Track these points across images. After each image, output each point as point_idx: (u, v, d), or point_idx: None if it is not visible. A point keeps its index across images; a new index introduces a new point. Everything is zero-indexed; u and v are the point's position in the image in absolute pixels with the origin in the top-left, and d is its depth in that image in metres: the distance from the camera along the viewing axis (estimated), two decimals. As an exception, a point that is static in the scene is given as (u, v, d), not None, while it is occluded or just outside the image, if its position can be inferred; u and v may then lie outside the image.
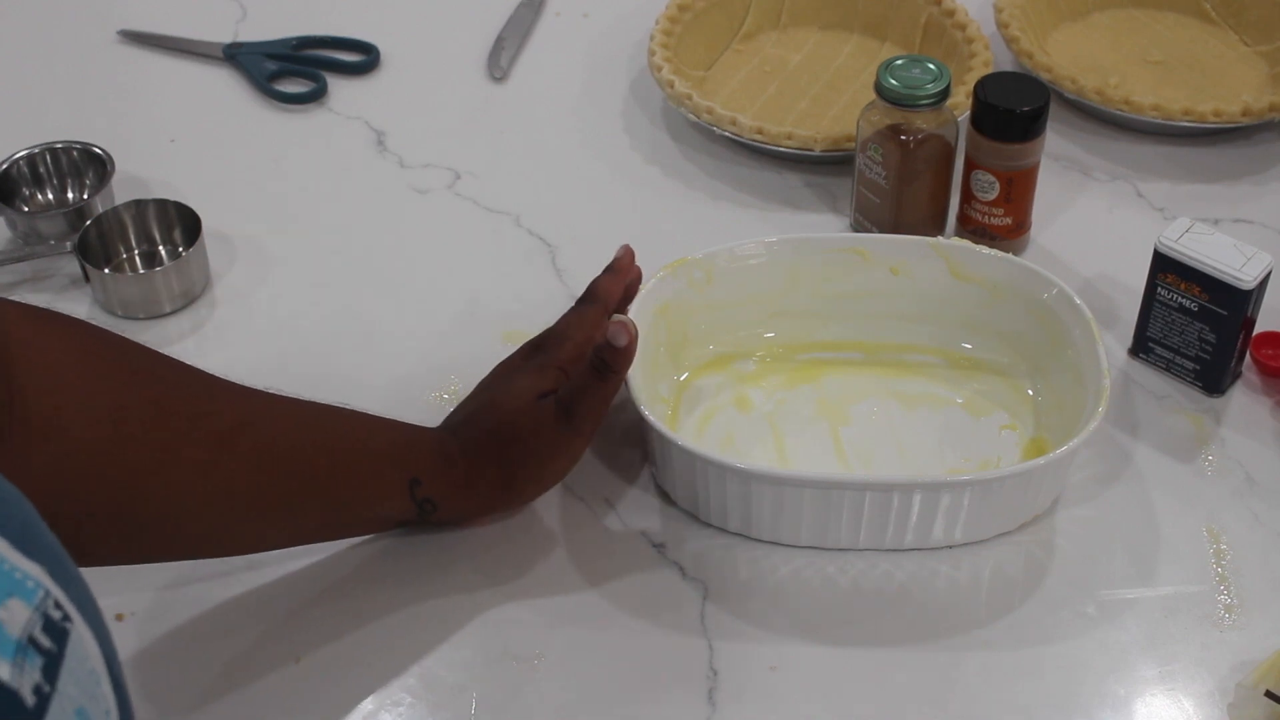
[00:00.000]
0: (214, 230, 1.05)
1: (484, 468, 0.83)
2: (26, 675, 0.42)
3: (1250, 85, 1.17)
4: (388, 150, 1.16)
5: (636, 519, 0.88)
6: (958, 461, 0.90)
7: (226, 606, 0.84)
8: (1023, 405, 0.93)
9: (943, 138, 1.01)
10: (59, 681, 0.43)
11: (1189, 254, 0.91)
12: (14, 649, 0.42)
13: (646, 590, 0.84)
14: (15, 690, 0.41)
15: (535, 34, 1.27)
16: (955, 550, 0.86)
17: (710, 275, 0.94)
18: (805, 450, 0.91)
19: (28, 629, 0.43)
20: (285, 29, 1.26)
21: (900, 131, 1.00)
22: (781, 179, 1.12)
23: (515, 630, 0.83)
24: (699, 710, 0.79)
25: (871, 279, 0.95)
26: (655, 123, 1.18)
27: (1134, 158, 1.13)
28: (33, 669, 0.42)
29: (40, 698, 0.42)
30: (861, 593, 0.84)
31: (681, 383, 0.95)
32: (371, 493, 0.81)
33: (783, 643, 0.82)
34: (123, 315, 1.01)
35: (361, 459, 0.81)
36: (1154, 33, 1.23)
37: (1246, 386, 0.96)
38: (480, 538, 0.87)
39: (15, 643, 0.42)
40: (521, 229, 1.08)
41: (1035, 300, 0.92)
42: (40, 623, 0.43)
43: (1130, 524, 0.88)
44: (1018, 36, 1.17)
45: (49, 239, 1.05)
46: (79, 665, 0.45)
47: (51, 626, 0.44)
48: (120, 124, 1.17)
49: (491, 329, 1.00)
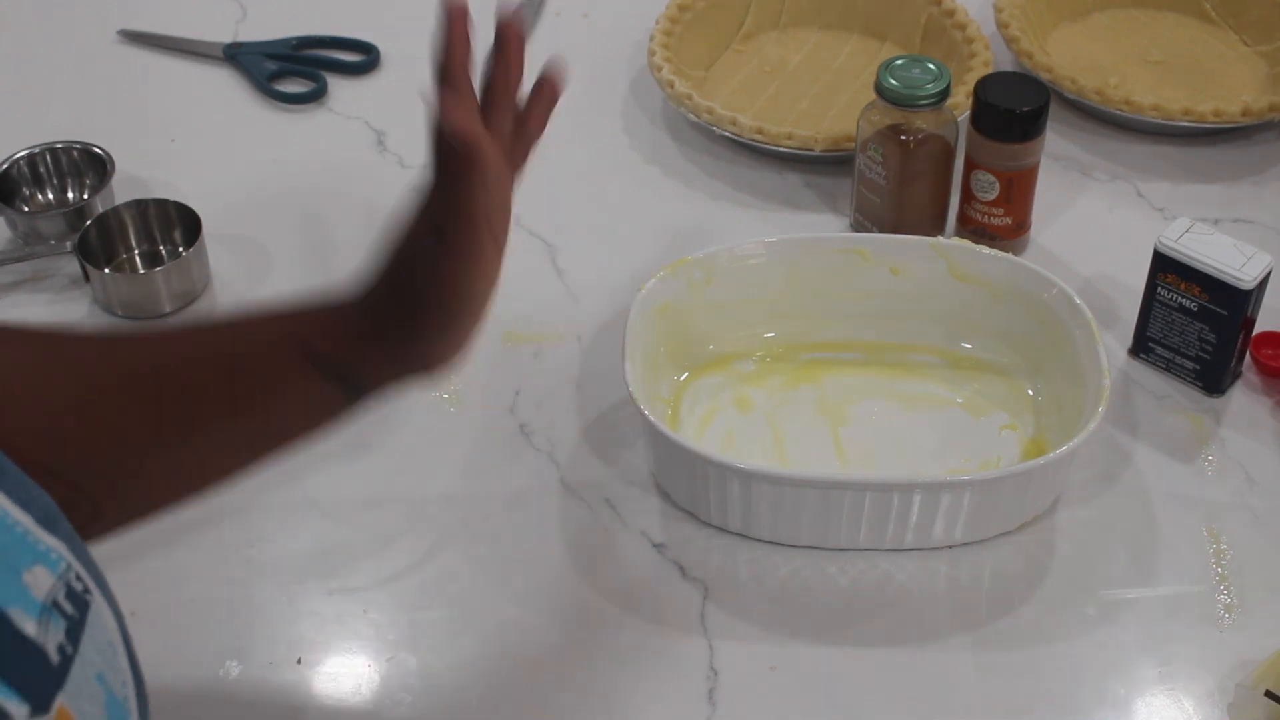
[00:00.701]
0: (214, 230, 1.05)
1: (384, 311, 0.73)
2: (51, 635, 0.44)
3: (1250, 85, 1.17)
4: (388, 150, 1.16)
5: (636, 519, 0.88)
6: (958, 461, 0.90)
7: (227, 606, 0.84)
8: (1023, 405, 0.93)
9: (943, 138, 1.01)
10: (81, 645, 0.45)
11: (1189, 254, 0.91)
12: (39, 609, 0.44)
13: (646, 590, 0.84)
14: (41, 646, 0.43)
15: (535, 34, 1.27)
16: (955, 550, 0.86)
17: (710, 275, 0.94)
18: (805, 450, 0.91)
19: (52, 594, 0.45)
20: (285, 29, 1.26)
21: (900, 131, 1.00)
22: (782, 179, 1.12)
23: (515, 630, 0.83)
24: (699, 710, 0.79)
25: (871, 279, 0.95)
26: (655, 123, 1.18)
27: (1134, 158, 1.13)
28: (57, 629, 0.44)
29: (64, 657, 0.44)
30: (861, 593, 0.84)
31: (681, 383, 0.95)
32: (272, 380, 0.72)
33: (783, 643, 0.82)
34: (123, 315, 1.01)
35: (246, 349, 0.72)
36: (1154, 33, 1.23)
37: (1246, 386, 0.96)
38: (480, 538, 0.87)
39: (40, 604, 0.44)
40: (521, 229, 1.08)
41: (1035, 300, 0.92)
42: (63, 590, 0.45)
43: (1130, 524, 0.88)
44: (1018, 36, 1.17)
45: (49, 239, 1.05)
46: (99, 635, 0.47)
47: (74, 595, 0.46)
48: (120, 124, 1.17)
49: (491, 329, 0.99)
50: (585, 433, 0.93)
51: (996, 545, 0.86)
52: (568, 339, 0.99)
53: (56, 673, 0.44)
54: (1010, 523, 0.86)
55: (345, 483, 0.91)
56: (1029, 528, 0.87)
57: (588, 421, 0.94)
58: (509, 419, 0.94)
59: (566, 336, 0.99)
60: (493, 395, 0.95)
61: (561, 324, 1.00)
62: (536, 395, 0.95)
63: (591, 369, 0.97)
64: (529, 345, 0.99)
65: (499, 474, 0.91)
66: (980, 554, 0.86)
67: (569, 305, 1.02)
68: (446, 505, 0.89)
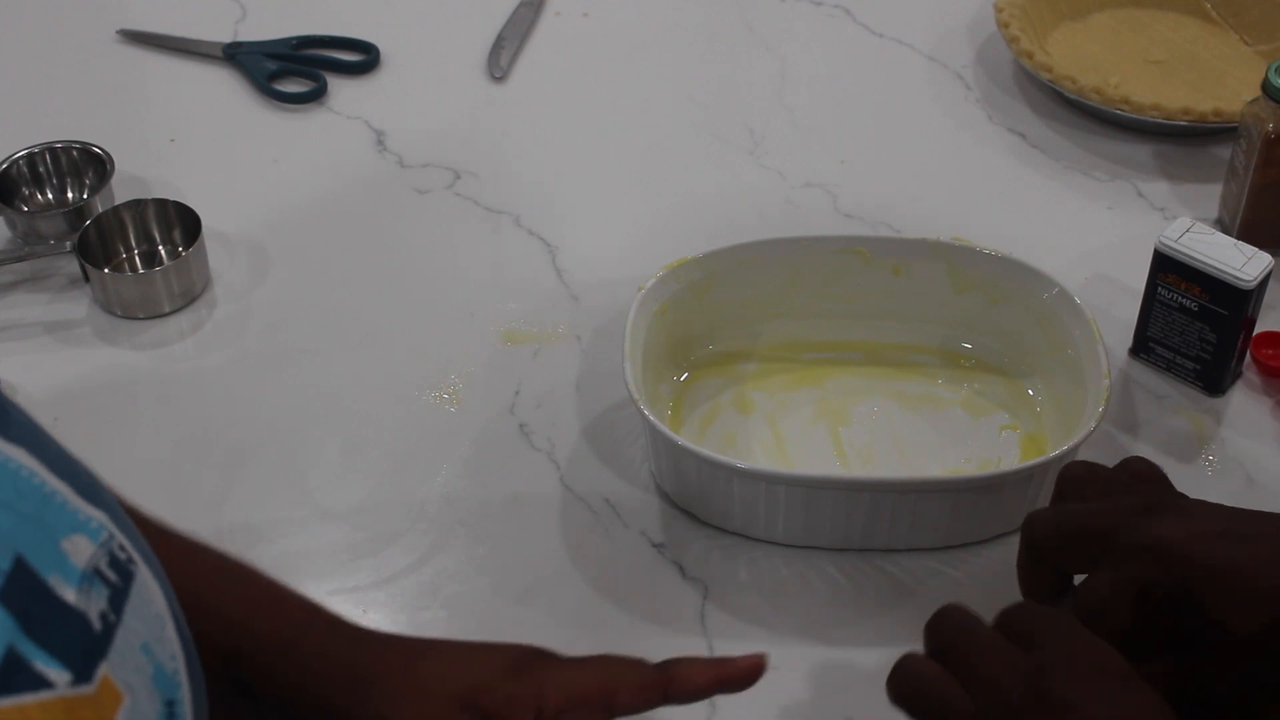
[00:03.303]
0: (214, 230, 1.05)
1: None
2: (93, 602, 0.43)
3: (1250, 85, 1.17)
4: (388, 150, 1.16)
5: (636, 519, 0.88)
6: (958, 461, 0.90)
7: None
8: (1023, 405, 0.93)
9: None
10: (124, 614, 0.45)
11: (1189, 254, 0.91)
12: (79, 577, 0.43)
13: (646, 590, 0.84)
14: (84, 613, 0.43)
15: (535, 34, 1.27)
16: (955, 550, 0.86)
17: (710, 275, 0.94)
18: (805, 450, 0.91)
19: (93, 561, 0.44)
20: (285, 29, 1.26)
21: None
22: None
23: (515, 630, 0.82)
24: (699, 710, 0.79)
25: (872, 279, 0.95)
26: (655, 123, 1.18)
27: (1134, 158, 1.13)
28: (99, 598, 0.44)
29: (106, 624, 0.44)
30: (861, 593, 0.84)
31: (682, 383, 0.95)
32: None
33: (783, 643, 0.82)
34: (122, 315, 1.01)
35: None
36: (1154, 32, 1.23)
37: (1247, 386, 0.96)
38: (480, 538, 0.87)
39: (81, 571, 0.44)
40: (521, 229, 1.08)
41: (1035, 300, 0.92)
42: (106, 558, 0.45)
43: (1130, 524, 0.88)
44: (1018, 36, 1.17)
45: (49, 239, 1.05)
46: (145, 606, 0.46)
47: (117, 564, 0.45)
48: (120, 124, 1.17)
49: (491, 329, 1.00)
50: (585, 433, 0.93)
51: (996, 545, 0.86)
52: (568, 339, 0.99)
53: (99, 640, 0.43)
54: (1010, 523, 0.86)
55: (345, 483, 0.91)
56: (1029, 528, 0.87)
57: (588, 421, 0.94)
58: (509, 419, 0.94)
59: (566, 336, 0.99)
60: (493, 395, 0.95)
61: (561, 324, 1.00)
62: (536, 395, 0.95)
63: (591, 369, 0.97)
64: (529, 345, 0.99)
65: (499, 474, 0.91)
66: (980, 554, 0.86)
67: (569, 305, 1.02)
68: (446, 505, 0.89)
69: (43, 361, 0.99)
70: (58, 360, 0.99)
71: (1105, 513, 0.65)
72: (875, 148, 1.15)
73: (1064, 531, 0.66)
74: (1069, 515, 0.67)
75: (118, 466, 0.91)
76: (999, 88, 1.20)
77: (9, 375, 0.96)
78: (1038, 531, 0.67)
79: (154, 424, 0.95)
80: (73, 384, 0.97)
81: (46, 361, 0.99)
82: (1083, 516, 0.66)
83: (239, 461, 0.92)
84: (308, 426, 0.94)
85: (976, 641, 0.60)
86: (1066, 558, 0.66)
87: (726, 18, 1.28)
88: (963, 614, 0.62)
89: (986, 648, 0.59)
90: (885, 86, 1.22)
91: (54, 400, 0.96)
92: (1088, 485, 0.69)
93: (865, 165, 1.13)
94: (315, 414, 0.95)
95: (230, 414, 0.96)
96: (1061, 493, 0.70)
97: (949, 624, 0.61)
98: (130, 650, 0.44)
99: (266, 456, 0.93)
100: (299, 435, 0.94)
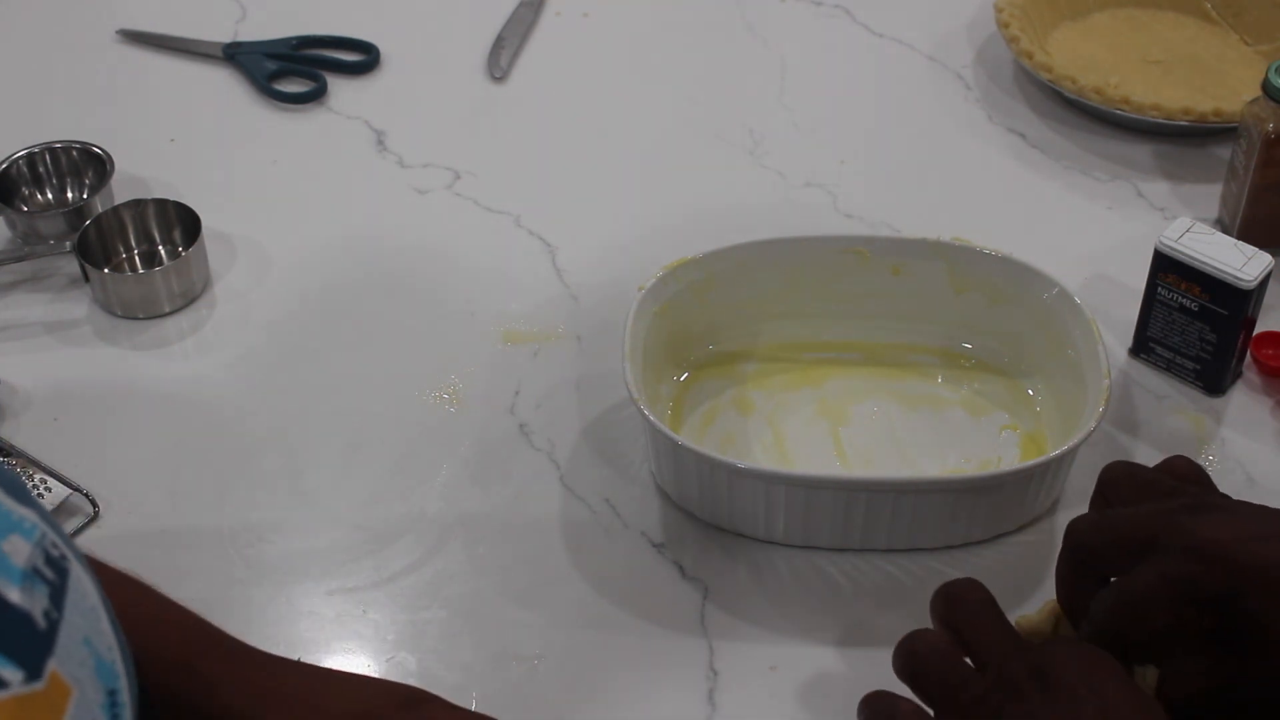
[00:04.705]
0: (214, 230, 1.05)
1: None
2: (36, 601, 0.44)
3: (1250, 85, 1.17)
4: (388, 150, 1.16)
5: (636, 519, 0.88)
6: (958, 461, 0.90)
7: (227, 606, 0.84)
8: (1023, 405, 0.93)
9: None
10: (65, 610, 0.46)
11: (1189, 254, 0.91)
12: (21, 576, 0.44)
13: (646, 590, 0.84)
14: (28, 612, 0.44)
15: (535, 34, 1.27)
16: (955, 550, 0.86)
17: (710, 275, 0.94)
18: (805, 450, 0.91)
19: (31, 560, 0.45)
20: (285, 29, 1.26)
21: None
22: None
23: (515, 630, 0.83)
24: (699, 710, 0.79)
25: (872, 279, 0.95)
26: (655, 123, 1.18)
27: (1134, 158, 1.13)
28: (41, 595, 0.45)
29: (50, 621, 0.44)
30: (861, 593, 0.84)
31: (682, 383, 0.95)
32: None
33: (783, 643, 0.82)
34: (122, 315, 1.01)
35: None
36: (1154, 32, 1.23)
37: (1247, 386, 0.96)
38: (480, 538, 0.87)
39: (21, 571, 0.44)
40: (521, 229, 1.08)
41: (1035, 300, 0.92)
42: (42, 556, 0.46)
43: (1130, 524, 0.88)
44: (1018, 36, 1.17)
45: (49, 239, 1.05)
46: (81, 600, 0.47)
47: (52, 561, 0.46)
48: (120, 124, 1.17)
49: (492, 329, 1.00)
50: (585, 433, 0.93)
51: (996, 545, 0.86)
52: (568, 339, 0.99)
53: (45, 638, 0.44)
54: (1010, 523, 0.86)
55: (345, 483, 0.91)
56: (1029, 528, 0.87)
57: (588, 421, 0.94)
58: (509, 419, 0.94)
59: (566, 336, 0.99)
60: (493, 395, 0.95)
61: (561, 324, 1.00)
62: (536, 395, 0.95)
63: (591, 369, 0.97)
64: (529, 345, 0.99)
65: (499, 474, 0.91)
66: (980, 554, 0.86)
67: (569, 305, 1.02)
68: (446, 505, 0.89)
69: (43, 361, 0.99)
70: (58, 360, 0.99)
71: (1150, 515, 0.64)
72: (875, 148, 1.16)
73: (1108, 537, 0.66)
74: (1113, 520, 0.66)
75: (118, 466, 0.92)
76: (999, 88, 1.20)
77: (9, 375, 0.96)
78: (1083, 537, 0.67)
79: (154, 424, 0.95)
80: (73, 384, 0.97)
81: (46, 361, 0.99)
82: (1128, 520, 0.65)
83: (239, 461, 0.92)
84: (308, 426, 0.95)
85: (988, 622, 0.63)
86: (1111, 562, 0.66)
87: (726, 18, 1.28)
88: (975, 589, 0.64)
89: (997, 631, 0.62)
90: (885, 86, 1.22)
91: (54, 400, 0.96)
92: (1129, 487, 0.68)
93: (865, 165, 1.13)
94: (315, 414, 0.95)
95: (230, 414, 0.96)
96: (1103, 494, 0.70)
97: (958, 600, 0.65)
98: (74, 645, 0.45)
99: (266, 456, 0.93)
100: (299, 435, 0.94)
